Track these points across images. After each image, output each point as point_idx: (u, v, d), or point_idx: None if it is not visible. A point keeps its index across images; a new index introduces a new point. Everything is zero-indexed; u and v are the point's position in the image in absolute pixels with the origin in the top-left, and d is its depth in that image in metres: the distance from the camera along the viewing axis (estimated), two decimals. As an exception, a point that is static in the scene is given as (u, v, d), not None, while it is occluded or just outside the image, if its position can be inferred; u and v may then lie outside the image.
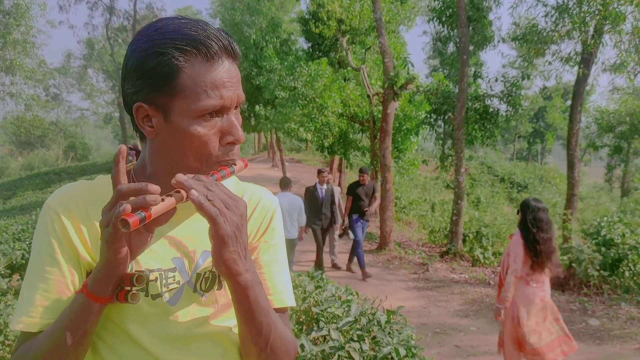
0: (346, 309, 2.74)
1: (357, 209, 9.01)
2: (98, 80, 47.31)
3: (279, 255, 1.13)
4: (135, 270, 0.99)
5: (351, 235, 9.11)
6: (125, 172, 1.06)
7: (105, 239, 0.84)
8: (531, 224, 3.99)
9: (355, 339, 2.50)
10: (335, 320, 2.64)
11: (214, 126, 0.95)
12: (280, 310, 1.10)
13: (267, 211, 1.13)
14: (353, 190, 9.08)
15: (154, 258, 1.02)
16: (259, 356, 1.00)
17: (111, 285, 0.90)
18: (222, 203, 0.85)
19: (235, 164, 1.00)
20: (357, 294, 3.17)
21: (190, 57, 0.92)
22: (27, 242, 7.65)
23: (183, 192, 0.85)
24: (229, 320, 1.07)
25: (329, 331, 2.47)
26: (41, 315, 0.96)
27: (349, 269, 9.28)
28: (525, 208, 4.06)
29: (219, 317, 1.06)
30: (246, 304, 0.93)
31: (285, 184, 7.83)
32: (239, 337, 1.02)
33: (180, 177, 0.84)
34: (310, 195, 8.55)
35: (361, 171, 9.15)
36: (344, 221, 9.14)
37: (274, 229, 1.13)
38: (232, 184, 1.15)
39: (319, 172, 8.69)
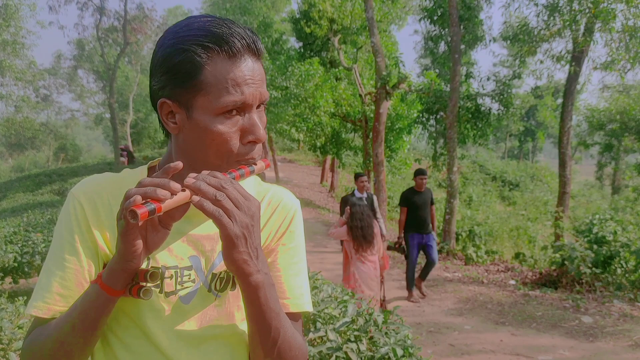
0: (343, 309, 2.74)
1: (415, 223, 7.40)
2: (88, 81, 47.11)
3: (297, 258, 1.12)
4: (151, 267, 0.99)
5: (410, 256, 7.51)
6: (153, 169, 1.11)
7: (120, 231, 0.85)
8: (351, 217, 5.29)
9: (353, 339, 2.49)
10: (332, 321, 2.63)
11: (236, 124, 0.96)
12: (295, 316, 1.09)
13: (287, 213, 1.12)
14: (408, 199, 7.43)
15: (171, 255, 1.02)
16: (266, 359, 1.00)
17: (124, 278, 0.90)
18: (232, 203, 0.84)
19: (256, 164, 1.00)
20: (353, 294, 3.17)
21: (213, 54, 0.92)
22: (19, 245, 7.58)
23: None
24: (241, 323, 1.07)
25: (326, 332, 2.47)
26: (55, 302, 0.97)
27: (419, 289, 7.83)
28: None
29: (231, 319, 1.05)
30: (256, 304, 0.92)
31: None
32: (248, 339, 1.01)
33: (190, 177, 0.84)
34: (346, 205, 6.45)
35: (421, 173, 7.34)
36: (399, 238, 7.59)
37: (293, 232, 1.12)
38: (253, 184, 1.15)
39: (358, 177, 7.22)
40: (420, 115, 14.06)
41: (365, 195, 7.22)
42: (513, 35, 11.99)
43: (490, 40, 13.39)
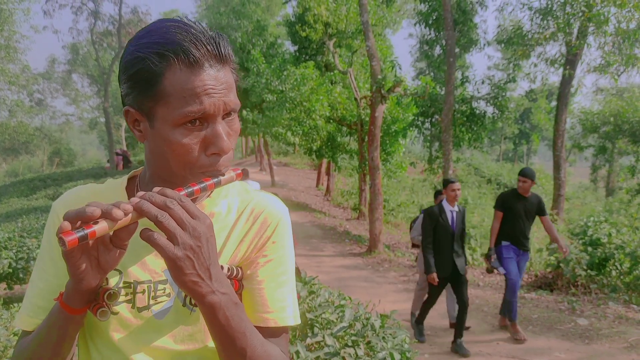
0: (340, 314, 2.74)
1: (511, 233, 5.91)
2: (83, 85, 47.17)
3: (280, 270, 1.06)
4: (123, 282, 0.98)
5: (501, 270, 5.95)
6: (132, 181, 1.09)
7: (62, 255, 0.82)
8: None
9: (350, 344, 2.50)
10: (329, 326, 2.63)
11: (197, 135, 0.92)
12: (277, 331, 1.04)
13: (269, 224, 1.06)
14: (507, 203, 5.95)
15: (144, 269, 1.00)
16: None
17: (81, 298, 0.89)
18: (175, 223, 0.80)
19: (223, 175, 0.95)
20: (350, 298, 3.17)
21: (170, 63, 0.89)
22: (13, 251, 7.54)
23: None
24: None
25: (323, 337, 2.47)
26: (37, 315, 0.99)
27: (504, 324, 6.31)
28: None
29: (207, 334, 1.00)
30: (216, 325, 0.88)
31: (244, 174, 8.84)
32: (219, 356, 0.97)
33: (137, 196, 0.81)
34: (433, 222, 5.59)
35: (524, 175, 5.85)
36: (490, 250, 6.02)
37: (276, 242, 1.06)
38: (238, 192, 1.11)
39: (448, 183, 5.63)
40: (416, 118, 14.10)
41: (456, 208, 5.60)
42: (507, 39, 12.05)
43: (484, 44, 13.46)
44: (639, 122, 20.09)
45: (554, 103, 28.37)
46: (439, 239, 5.54)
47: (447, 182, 5.66)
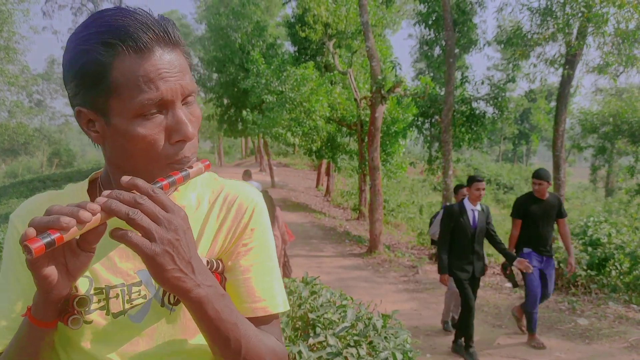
0: (342, 314, 2.75)
1: (532, 239, 5.53)
2: (82, 86, 47.12)
3: (262, 257, 1.02)
4: (94, 288, 0.93)
5: (508, 285, 5.60)
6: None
7: (27, 266, 0.76)
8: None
9: (352, 344, 2.50)
10: (331, 326, 2.64)
11: (158, 124, 0.86)
12: (268, 318, 1.01)
13: (245, 211, 1.01)
14: (525, 208, 5.58)
15: (115, 273, 0.94)
16: None
17: (51, 309, 0.83)
18: (148, 219, 0.75)
19: (192, 167, 0.90)
20: (351, 299, 3.18)
21: (118, 51, 0.83)
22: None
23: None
24: (201, 335, 0.97)
25: (326, 337, 2.48)
26: (3, 336, 0.93)
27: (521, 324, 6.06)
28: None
29: (189, 332, 0.97)
30: (206, 320, 0.84)
31: (247, 175, 9.96)
32: (212, 353, 0.94)
33: (103, 195, 0.76)
34: (452, 221, 5.25)
35: (538, 177, 5.48)
36: (509, 257, 5.33)
37: (254, 229, 1.01)
38: (207, 181, 1.06)
39: (473, 182, 5.26)
40: (416, 119, 14.11)
41: (479, 207, 5.27)
42: (507, 39, 12.05)
43: (484, 44, 13.47)
44: (638, 123, 20.12)
45: (553, 103, 28.39)
46: (458, 239, 5.20)
47: (471, 180, 5.28)
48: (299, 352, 2.35)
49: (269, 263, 1.03)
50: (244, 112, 17.14)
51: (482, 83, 13.16)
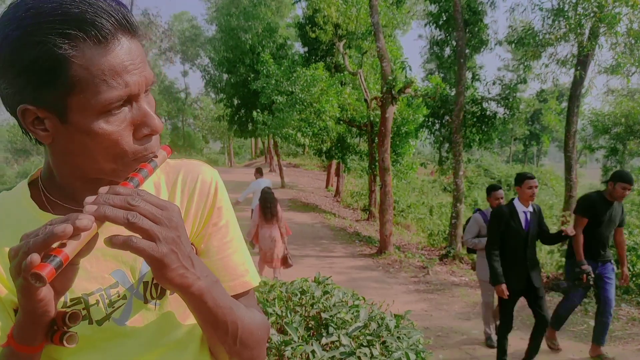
0: (355, 314, 2.76)
1: (591, 244, 5.07)
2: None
3: (231, 234, 1.00)
4: (69, 300, 0.87)
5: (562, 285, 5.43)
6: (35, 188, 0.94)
7: (20, 291, 0.71)
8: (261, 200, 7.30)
9: (365, 344, 2.51)
10: (344, 326, 2.65)
11: (124, 119, 0.80)
12: (245, 294, 1.01)
13: (209, 189, 0.99)
14: (593, 207, 5.04)
15: (89, 278, 0.88)
16: (230, 353, 0.92)
17: (40, 331, 0.77)
18: (148, 220, 0.72)
19: (157, 156, 0.86)
20: (364, 298, 3.19)
21: (78, 42, 0.74)
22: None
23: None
24: (191, 322, 0.97)
25: (339, 337, 2.49)
26: None
27: (551, 339, 5.69)
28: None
29: (177, 322, 0.95)
30: (205, 310, 0.83)
31: (258, 172, 11.05)
32: (207, 340, 0.95)
33: (88, 203, 0.70)
34: (502, 224, 4.73)
35: (629, 181, 4.89)
36: (578, 263, 5.05)
37: (220, 207, 0.99)
38: (161, 167, 0.99)
39: (524, 179, 4.79)
40: (426, 119, 14.09)
41: (531, 208, 4.79)
42: (518, 39, 12.00)
43: (495, 45, 13.42)
44: (650, 123, 19.98)
45: (564, 104, 28.26)
46: (509, 244, 4.68)
47: (522, 178, 4.78)
48: (312, 352, 2.36)
49: (237, 239, 1.02)
50: (254, 113, 17.19)
51: (494, 83, 13.11)
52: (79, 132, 0.79)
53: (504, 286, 4.63)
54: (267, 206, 7.30)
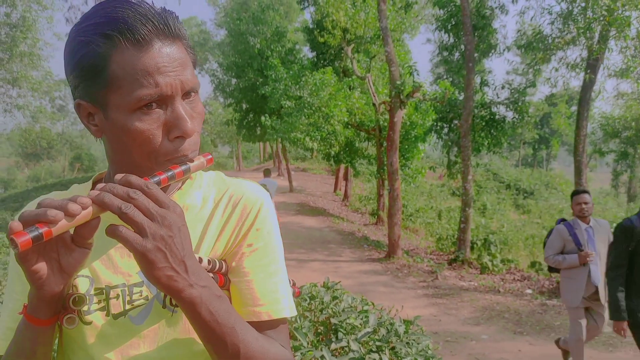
0: (364, 319, 2.76)
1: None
2: (104, 91, 47.93)
3: (268, 259, 0.97)
4: (94, 288, 0.91)
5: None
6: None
7: (15, 258, 0.75)
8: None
9: (375, 349, 2.51)
10: (353, 331, 2.65)
11: (157, 119, 0.84)
12: (273, 323, 0.95)
13: (250, 210, 0.97)
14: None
15: (116, 273, 0.92)
16: None
17: (45, 306, 0.81)
18: (142, 214, 0.73)
19: (192, 161, 0.88)
20: (373, 304, 3.19)
21: (116, 43, 0.81)
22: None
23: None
24: None
25: (348, 342, 2.49)
26: (7, 337, 0.91)
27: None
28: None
29: (193, 334, 0.92)
30: (199, 321, 0.81)
31: (267, 173, 12.05)
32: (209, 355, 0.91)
33: (97, 188, 0.74)
34: (632, 242, 3.77)
35: None
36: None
37: (260, 229, 0.97)
38: (214, 180, 1.03)
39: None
40: (435, 123, 14.07)
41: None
42: (527, 44, 11.96)
43: (504, 49, 13.39)
44: (661, 127, 19.84)
45: (574, 108, 28.13)
46: (637, 267, 3.72)
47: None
48: (322, 357, 2.36)
49: (274, 265, 0.98)
50: (263, 118, 17.24)
51: (502, 88, 13.08)
52: (117, 128, 0.85)
53: (624, 324, 3.75)
54: None
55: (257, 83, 21.82)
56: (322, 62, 18.05)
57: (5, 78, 23.18)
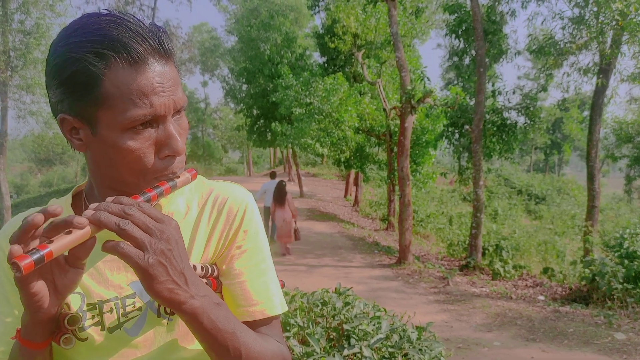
0: (376, 325, 2.75)
1: None
2: (116, 97, 48.24)
3: (257, 259, 0.99)
4: (86, 304, 0.91)
5: None
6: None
7: (16, 283, 0.74)
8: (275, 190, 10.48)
9: (387, 356, 2.50)
10: (366, 338, 2.65)
11: (148, 138, 0.85)
12: (266, 320, 0.98)
13: (237, 213, 0.99)
14: None
15: (107, 286, 0.92)
16: None
17: (41, 329, 0.81)
18: (140, 229, 0.74)
19: (178, 177, 0.90)
20: (385, 310, 3.18)
21: (111, 62, 0.80)
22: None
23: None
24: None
25: (360, 349, 2.48)
26: None
27: None
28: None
29: (188, 340, 0.95)
30: (202, 331, 0.82)
31: (273, 175, 13.05)
32: None
33: (90, 208, 0.74)
34: None
35: None
36: None
37: (247, 231, 0.99)
38: (195, 185, 1.03)
39: None
40: (446, 129, 14.04)
41: None
42: (539, 48, 11.92)
43: (515, 54, 13.34)
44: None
45: (586, 113, 27.95)
46: None
47: None
48: (335, 363, 2.36)
49: (263, 264, 1.00)
50: (273, 125, 17.29)
51: (514, 93, 13.03)
52: (106, 145, 0.85)
53: None
54: (280, 195, 10.47)
55: (268, 89, 21.90)
56: (332, 67, 18.09)
57: (19, 84, 23.43)
